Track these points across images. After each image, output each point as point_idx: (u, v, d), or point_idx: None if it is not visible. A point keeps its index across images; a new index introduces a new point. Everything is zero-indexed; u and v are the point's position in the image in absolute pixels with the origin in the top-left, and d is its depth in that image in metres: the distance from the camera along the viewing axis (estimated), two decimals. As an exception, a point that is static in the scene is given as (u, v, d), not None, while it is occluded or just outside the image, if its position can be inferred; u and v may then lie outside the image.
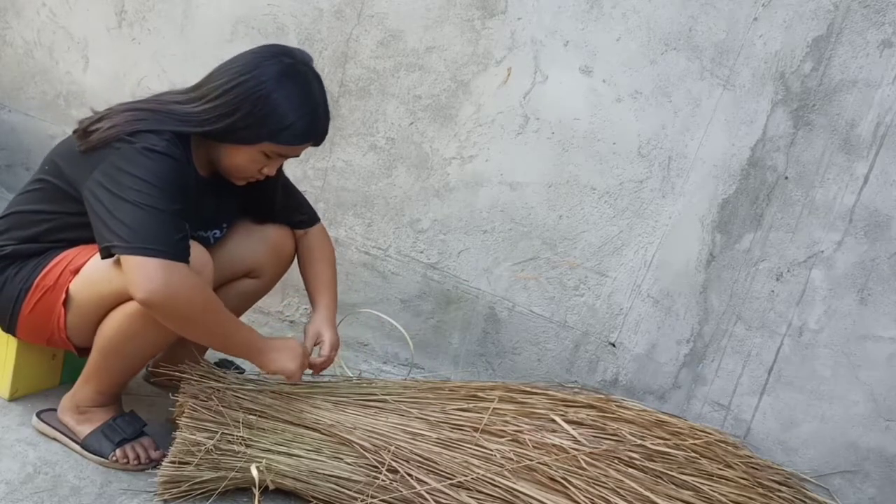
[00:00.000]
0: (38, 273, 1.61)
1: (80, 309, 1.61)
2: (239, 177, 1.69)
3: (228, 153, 1.63)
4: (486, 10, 2.28)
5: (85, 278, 1.59)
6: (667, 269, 2.23)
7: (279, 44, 1.73)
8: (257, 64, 1.58)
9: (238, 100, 1.56)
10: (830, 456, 2.14)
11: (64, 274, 1.60)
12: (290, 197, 1.91)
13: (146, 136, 1.53)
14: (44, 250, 1.64)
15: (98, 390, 1.68)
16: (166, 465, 1.57)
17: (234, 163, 1.64)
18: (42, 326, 1.65)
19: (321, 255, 1.92)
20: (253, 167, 1.65)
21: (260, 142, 1.59)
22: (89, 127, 1.57)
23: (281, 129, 1.58)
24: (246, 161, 1.63)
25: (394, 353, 2.50)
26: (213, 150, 1.65)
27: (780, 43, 2.05)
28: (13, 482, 1.56)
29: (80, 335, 1.65)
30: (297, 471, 1.62)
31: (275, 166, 1.68)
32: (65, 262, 1.61)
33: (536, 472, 1.67)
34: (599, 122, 2.22)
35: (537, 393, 2.01)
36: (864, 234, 2.04)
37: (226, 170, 1.67)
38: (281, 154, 1.65)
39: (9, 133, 2.89)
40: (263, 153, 1.62)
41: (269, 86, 1.56)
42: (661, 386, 2.28)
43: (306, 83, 1.61)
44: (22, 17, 2.84)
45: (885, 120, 1.99)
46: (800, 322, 2.12)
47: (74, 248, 1.63)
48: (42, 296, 1.61)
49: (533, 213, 2.32)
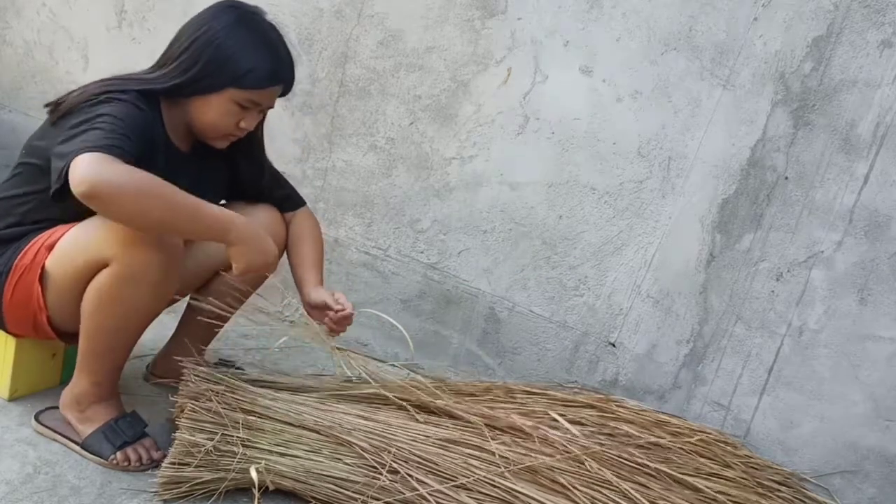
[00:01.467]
0: (17, 255, 1.61)
1: (59, 284, 1.59)
2: (217, 135, 1.69)
3: (199, 109, 1.65)
4: (486, 10, 2.28)
5: (59, 252, 1.58)
6: (667, 269, 2.23)
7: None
8: (210, 17, 1.63)
9: (196, 52, 1.60)
10: (830, 456, 2.14)
11: (40, 252, 1.59)
12: (277, 181, 1.93)
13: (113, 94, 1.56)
14: (25, 233, 1.64)
15: (93, 381, 1.67)
16: (166, 467, 1.57)
17: (207, 118, 1.65)
18: (24, 310, 1.64)
19: (310, 234, 1.92)
20: (228, 120, 1.66)
21: (224, 88, 1.61)
22: (59, 99, 1.60)
23: (243, 72, 1.60)
24: (218, 114, 1.64)
25: (394, 353, 2.50)
26: (185, 111, 1.66)
27: (780, 43, 2.05)
28: (13, 482, 1.56)
29: (64, 316, 1.64)
30: (297, 471, 1.62)
31: (252, 119, 1.69)
32: (41, 240, 1.60)
33: (537, 473, 1.67)
34: (599, 122, 2.22)
35: (537, 393, 2.01)
36: (864, 234, 2.04)
37: (201, 129, 1.68)
38: (252, 101, 1.65)
39: (9, 133, 2.89)
40: (235, 103, 1.64)
41: (224, 33, 1.60)
42: (660, 386, 2.28)
43: (261, 29, 1.65)
44: (22, 17, 2.84)
45: (885, 120, 1.99)
46: (800, 322, 2.12)
47: (52, 228, 1.62)
48: (20, 276, 1.60)
49: (533, 213, 2.32)
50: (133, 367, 1.94)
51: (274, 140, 2.43)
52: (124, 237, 1.50)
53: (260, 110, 1.71)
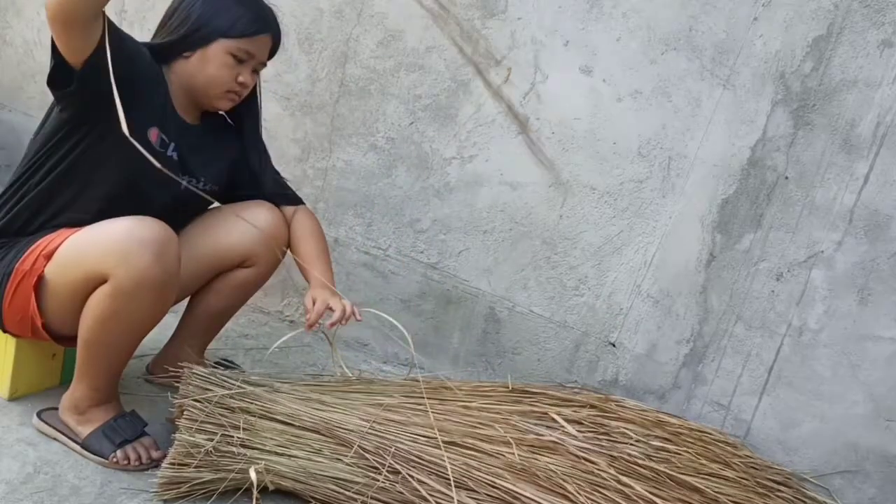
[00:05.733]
0: (18, 259, 1.62)
1: (56, 294, 1.60)
2: (217, 91, 1.74)
3: (196, 67, 1.72)
4: (486, 10, 2.28)
5: (57, 262, 1.59)
6: (667, 269, 2.23)
7: None
8: None
9: (185, 11, 1.70)
10: (830, 456, 2.14)
11: (39, 259, 1.60)
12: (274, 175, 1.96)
13: None
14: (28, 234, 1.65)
15: (92, 386, 1.67)
16: (166, 467, 1.57)
17: (206, 73, 1.71)
18: (22, 314, 1.64)
19: (312, 230, 1.92)
20: (226, 74, 1.72)
21: (215, 38, 1.69)
22: None
23: (231, 22, 1.69)
24: (216, 67, 1.71)
25: (394, 353, 2.50)
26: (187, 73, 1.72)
27: (780, 43, 2.05)
28: (13, 482, 1.56)
29: (61, 322, 1.64)
30: (297, 472, 1.62)
31: (248, 73, 1.75)
32: (40, 246, 1.61)
33: (536, 473, 1.67)
34: (599, 121, 2.22)
35: (537, 393, 2.01)
36: (864, 234, 2.04)
37: (203, 87, 1.73)
38: (246, 50, 1.72)
39: (9, 133, 2.89)
40: (230, 54, 1.70)
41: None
42: (661, 386, 2.28)
43: None
44: (22, 17, 2.84)
45: (885, 120, 1.99)
46: (800, 322, 2.12)
47: (53, 233, 1.63)
48: (20, 282, 1.61)
49: (533, 213, 2.31)
50: (133, 367, 1.94)
51: (274, 140, 2.43)
52: (122, 251, 1.51)
53: (254, 65, 1.76)
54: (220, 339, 2.14)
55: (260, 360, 2.26)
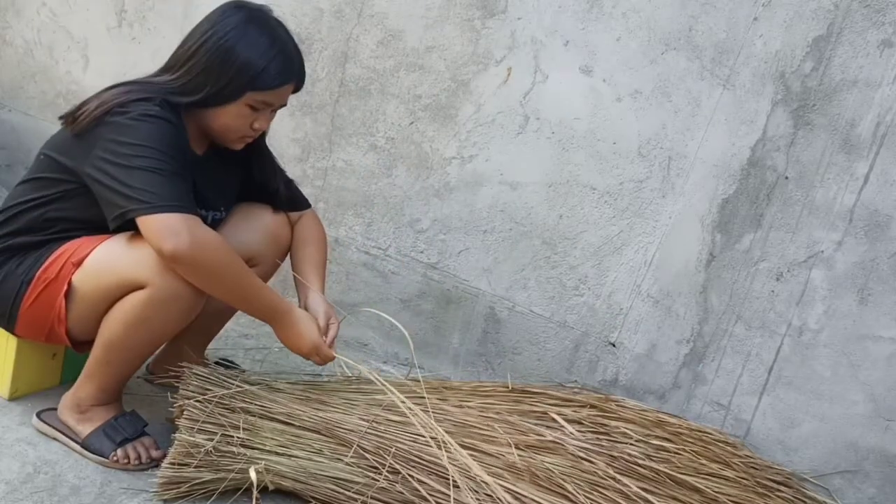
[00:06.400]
0: (40, 266, 1.61)
1: (84, 300, 1.60)
2: (232, 137, 1.70)
3: (216, 115, 1.66)
4: (486, 10, 2.28)
5: (88, 269, 1.59)
6: (667, 269, 2.23)
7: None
8: (217, 20, 1.63)
9: (207, 57, 1.60)
10: (830, 456, 2.14)
11: (66, 266, 1.60)
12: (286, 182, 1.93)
13: (138, 105, 1.55)
14: (45, 242, 1.64)
15: (100, 387, 1.68)
16: (166, 467, 1.57)
17: (223, 122, 1.66)
18: (42, 320, 1.64)
19: (314, 237, 1.92)
20: (243, 122, 1.67)
21: (243, 94, 1.62)
22: (77, 112, 1.59)
23: (257, 74, 1.60)
24: (234, 117, 1.66)
25: (394, 353, 2.50)
26: (202, 118, 1.67)
27: (780, 43, 2.05)
28: (13, 482, 1.56)
29: (82, 328, 1.65)
30: (297, 472, 1.62)
31: (265, 119, 1.70)
32: (66, 254, 1.61)
33: (536, 473, 1.67)
34: (599, 121, 2.22)
35: (537, 393, 2.01)
36: (864, 234, 2.04)
37: (218, 133, 1.69)
38: (266, 102, 1.66)
39: (9, 132, 2.89)
40: (249, 106, 1.64)
41: (234, 35, 1.60)
42: (661, 386, 2.28)
43: (269, 26, 1.65)
44: (22, 17, 2.84)
45: (885, 120, 1.99)
46: (800, 322, 2.12)
47: (76, 241, 1.63)
48: (43, 289, 1.61)
49: (533, 213, 2.32)
50: (133, 367, 1.94)
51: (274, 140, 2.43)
52: (159, 261, 1.53)
53: (273, 109, 1.72)
54: (220, 339, 2.14)
55: (260, 360, 2.26)
